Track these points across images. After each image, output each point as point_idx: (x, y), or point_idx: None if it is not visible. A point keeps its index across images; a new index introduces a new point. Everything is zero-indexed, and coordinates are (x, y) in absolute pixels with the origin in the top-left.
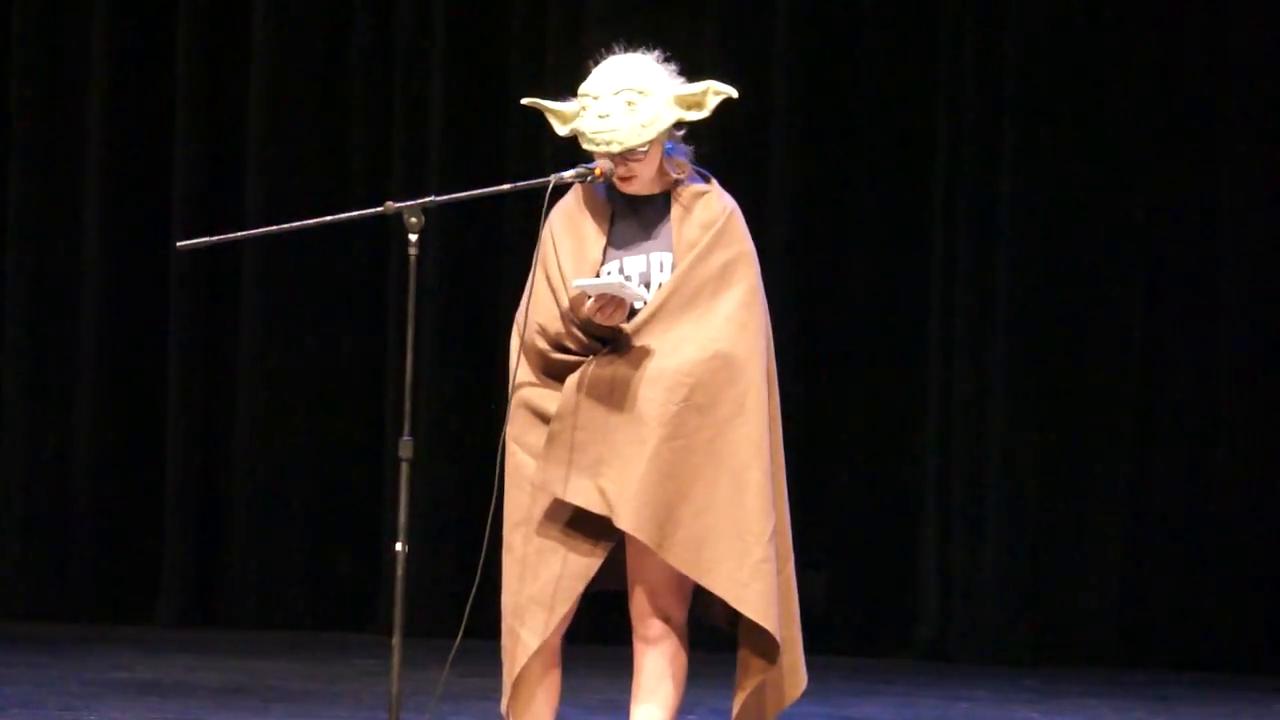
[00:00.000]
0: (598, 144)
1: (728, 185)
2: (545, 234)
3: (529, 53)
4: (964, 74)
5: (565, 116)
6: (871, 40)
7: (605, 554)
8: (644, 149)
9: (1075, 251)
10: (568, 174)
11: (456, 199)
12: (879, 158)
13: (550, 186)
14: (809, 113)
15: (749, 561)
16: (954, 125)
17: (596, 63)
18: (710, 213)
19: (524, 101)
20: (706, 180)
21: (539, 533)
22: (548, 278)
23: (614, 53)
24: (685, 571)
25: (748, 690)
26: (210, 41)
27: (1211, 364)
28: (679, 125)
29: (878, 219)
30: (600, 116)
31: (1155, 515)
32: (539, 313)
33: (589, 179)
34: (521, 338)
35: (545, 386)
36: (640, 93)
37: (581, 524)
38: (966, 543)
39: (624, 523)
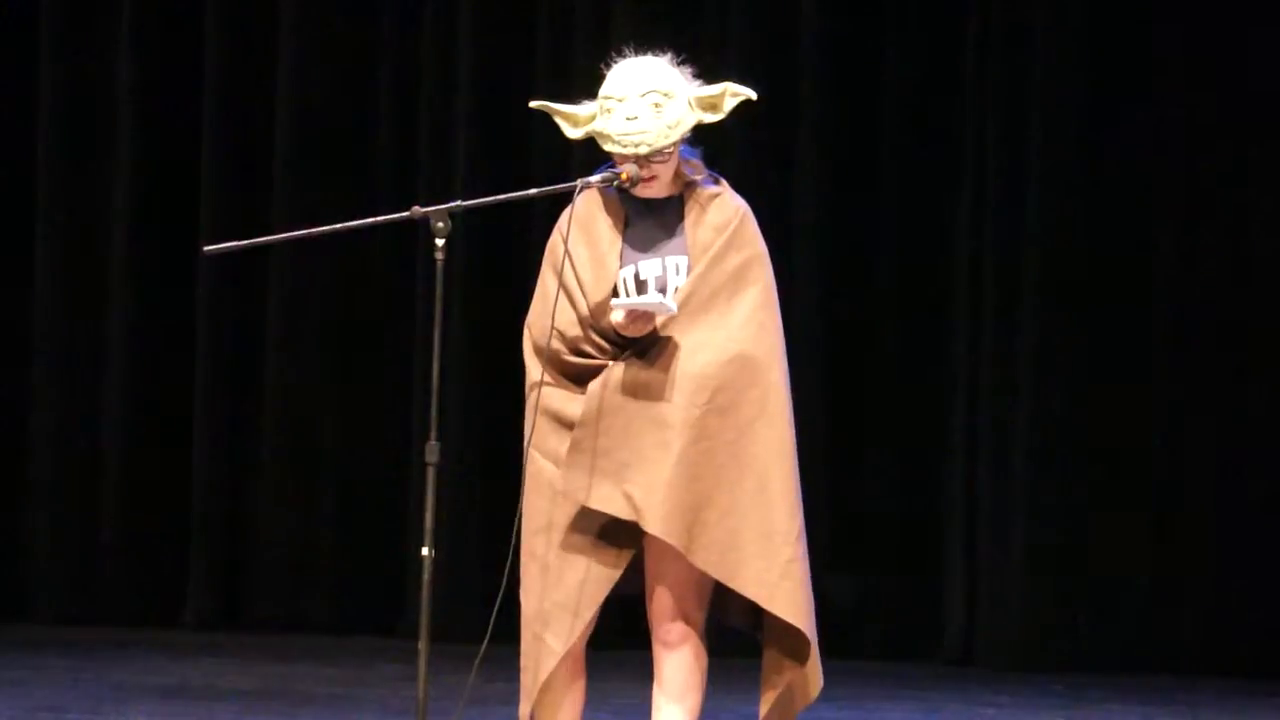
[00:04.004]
0: (625, 146)
1: (753, 177)
2: (556, 239)
3: (555, 56)
4: (990, 65)
5: (577, 120)
6: (898, 31)
7: (629, 558)
8: (669, 150)
9: (1102, 248)
10: (594, 178)
11: (483, 204)
12: (904, 155)
13: (577, 190)
14: (835, 106)
15: (778, 562)
16: (981, 117)
17: (609, 66)
18: (723, 215)
19: (533, 105)
20: (718, 182)
21: (562, 539)
22: (563, 284)
23: (626, 56)
24: (713, 574)
25: (777, 690)
26: (238, 46)
27: (1242, 364)
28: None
29: (903, 217)
30: (629, 119)
31: (1183, 520)
32: (558, 319)
33: (615, 184)
34: (536, 343)
35: (565, 391)
36: (665, 95)
37: (604, 529)
38: (993, 548)
39: (652, 527)
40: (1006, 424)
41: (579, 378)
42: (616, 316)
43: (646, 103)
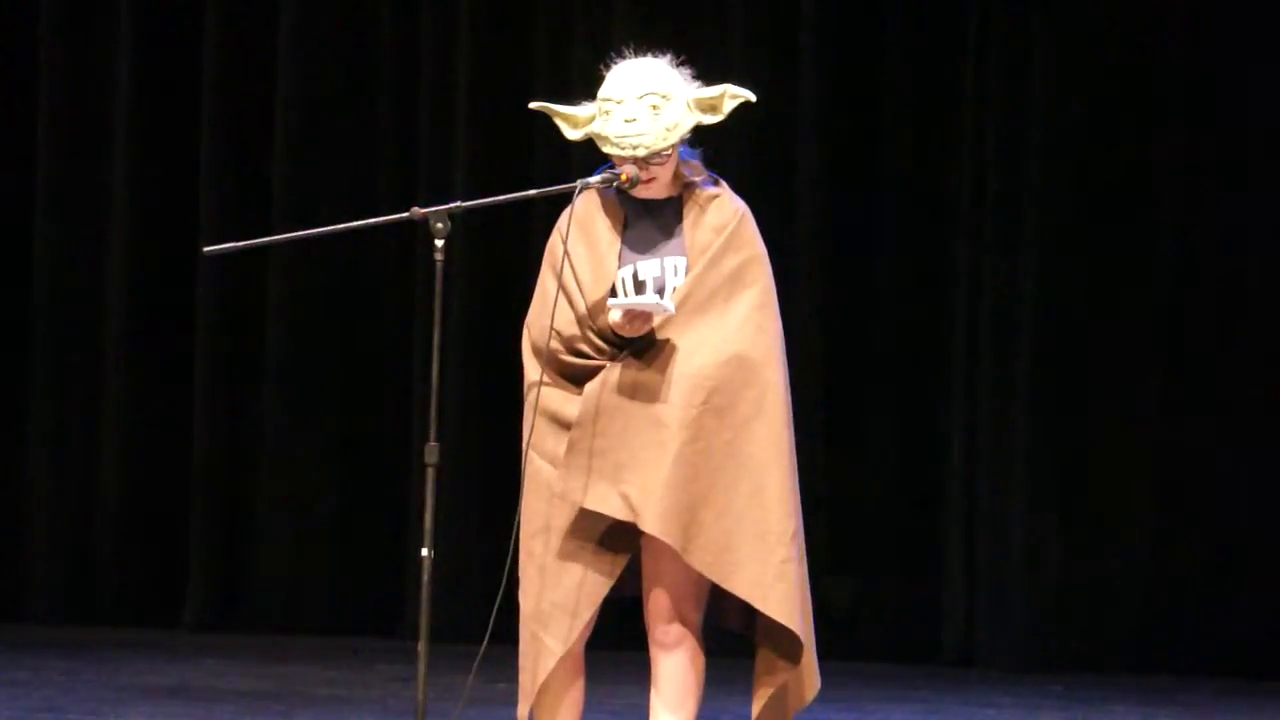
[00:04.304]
0: (623, 148)
1: (752, 179)
2: (555, 239)
3: (555, 56)
4: (991, 63)
5: (577, 120)
6: (898, 40)
7: (626, 560)
8: (668, 152)
9: (1100, 254)
10: (593, 180)
11: (482, 205)
12: (905, 160)
13: (577, 191)
14: (835, 112)
15: (772, 563)
16: (980, 124)
17: (608, 67)
18: (722, 216)
19: (532, 106)
20: (717, 183)
21: (560, 540)
22: (562, 284)
23: (625, 57)
24: (708, 574)
25: (769, 692)
26: (237, 47)
27: (1240, 365)
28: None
29: (902, 218)
30: (626, 121)
31: (1181, 520)
32: (556, 319)
33: (614, 185)
34: (534, 342)
35: (563, 391)
36: (664, 96)
37: (602, 531)
38: (993, 550)
39: (649, 526)
40: (1006, 424)
41: (577, 378)
42: (614, 316)
43: (644, 105)
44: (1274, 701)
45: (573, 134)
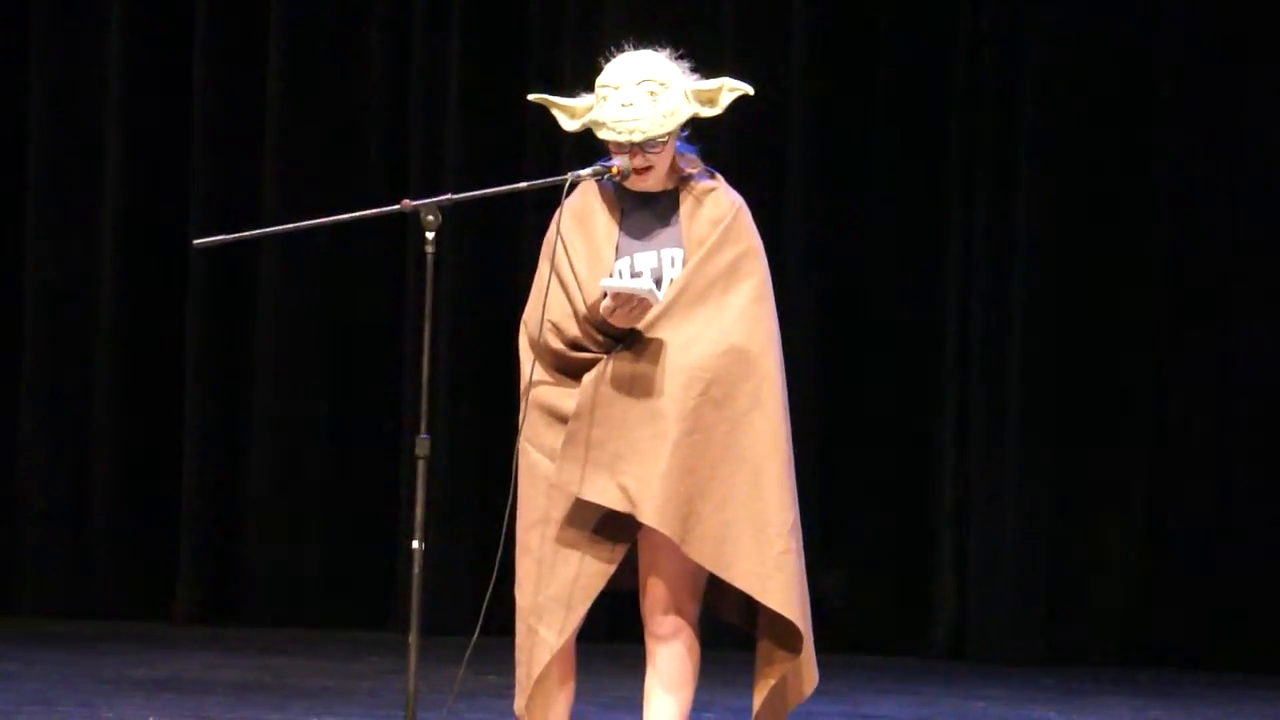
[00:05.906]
0: (620, 132)
1: (745, 175)
2: (553, 232)
3: (546, 48)
4: (981, 61)
5: (575, 111)
6: (889, 29)
7: (623, 553)
8: (663, 139)
9: (1093, 245)
10: (584, 172)
11: (473, 197)
12: (897, 147)
13: (567, 184)
14: (826, 103)
15: (770, 554)
16: (970, 110)
17: (608, 59)
18: (718, 209)
19: (531, 97)
20: (713, 176)
21: (557, 533)
22: (559, 277)
23: (625, 50)
24: (707, 566)
25: (770, 684)
26: (227, 40)
27: (1229, 363)
28: (690, 122)
29: (895, 214)
30: (624, 105)
31: (1171, 514)
32: (552, 311)
33: (606, 177)
34: (531, 337)
35: (559, 385)
36: (661, 84)
37: (599, 523)
38: (983, 542)
39: (648, 518)
40: (999, 417)
41: (575, 372)
42: (606, 303)
43: (642, 90)
44: (1264, 695)
45: (570, 125)
